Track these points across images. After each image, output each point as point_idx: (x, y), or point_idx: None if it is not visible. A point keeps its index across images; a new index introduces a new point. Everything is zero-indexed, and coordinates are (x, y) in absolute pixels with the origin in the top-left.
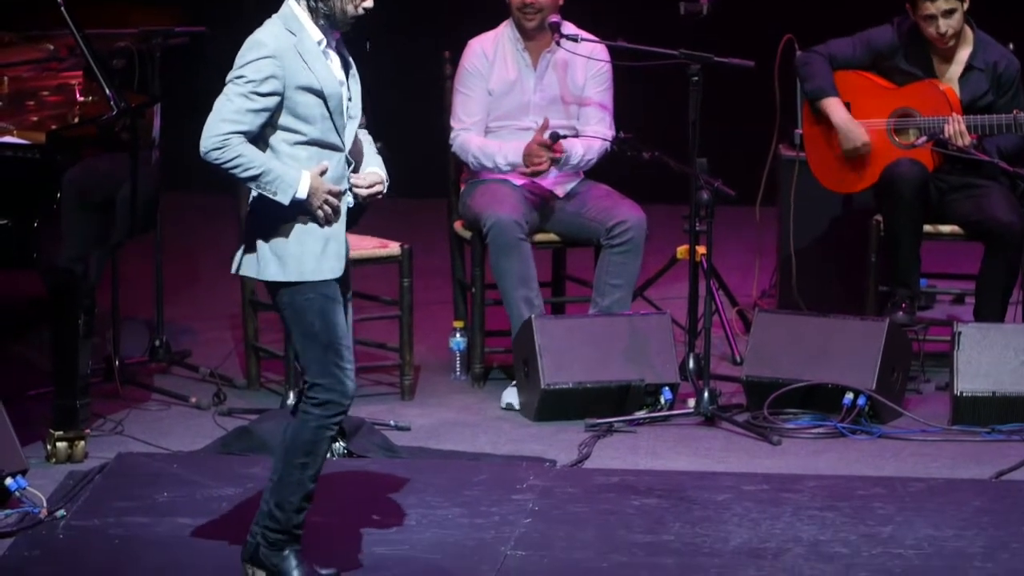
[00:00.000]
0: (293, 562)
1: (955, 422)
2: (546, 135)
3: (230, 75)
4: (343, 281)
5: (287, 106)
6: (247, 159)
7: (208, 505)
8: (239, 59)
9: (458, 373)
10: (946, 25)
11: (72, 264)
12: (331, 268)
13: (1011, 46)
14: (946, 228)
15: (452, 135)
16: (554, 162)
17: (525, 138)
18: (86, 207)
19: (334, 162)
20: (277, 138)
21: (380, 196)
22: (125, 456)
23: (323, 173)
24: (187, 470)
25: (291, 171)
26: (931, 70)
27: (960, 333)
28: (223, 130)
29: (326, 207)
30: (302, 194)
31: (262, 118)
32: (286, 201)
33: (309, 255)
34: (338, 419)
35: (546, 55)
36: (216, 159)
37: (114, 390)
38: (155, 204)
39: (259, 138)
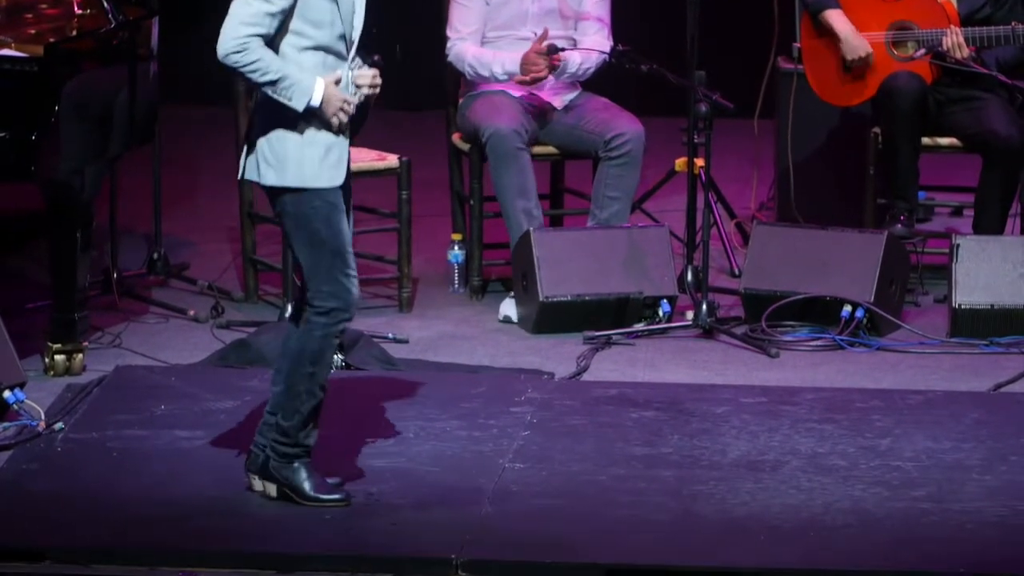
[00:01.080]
0: (304, 473)
1: (953, 334)
2: (546, 45)
3: None
4: (345, 190)
5: (300, 9)
6: (265, 63)
7: (206, 418)
8: None
9: (456, 286)
10: None
11: (70, 177)
12: (331, 176)
13: None
14: (944, 140)
15: (448, 45)
16: (552, 70)
17: (522, 48)
18: (84, 120)
19: (340, 71)
20: (286, 42)
21: (377, 90)
22: (123, 369)
23: (337, 82)
24: (185, 383)
25: (307, 78)
26: None
27: (958, 245)
28: (242, 33)
29: (340, 115)
30: (316, 101)
31: (278, 20)
32: (300, 108)
33: (309, 161)
34: (343, 327)
35: None
36: (235, 62)
37: (112, 303)
38: (153, 116)
39: (269, 42)
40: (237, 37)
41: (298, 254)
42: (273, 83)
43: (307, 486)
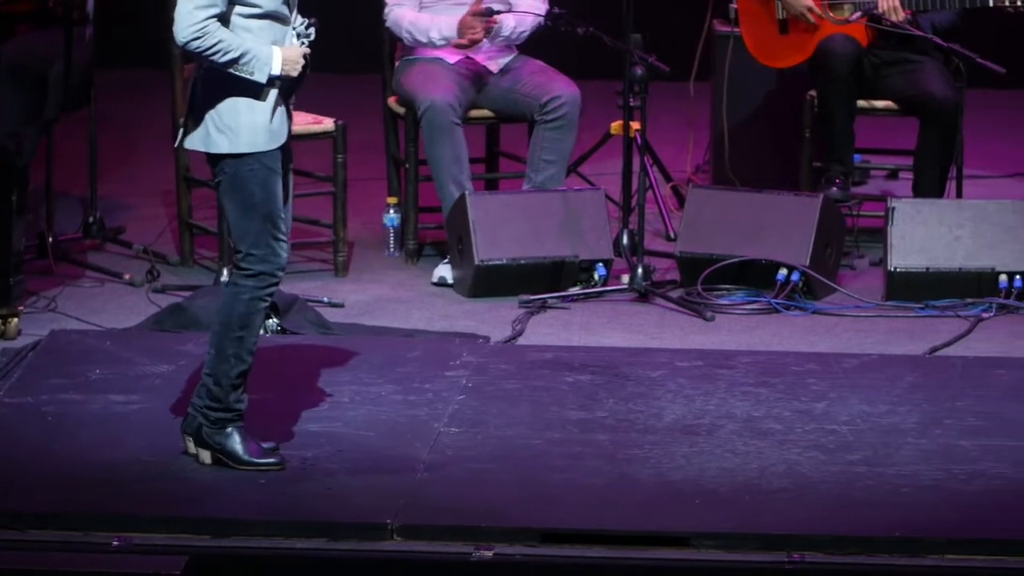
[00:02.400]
0: (237, 438)
1: (889, 298)
2: (481, 8)
3: None
4: (285, 152)
5: None
6: (226, 43)
7: (141, 382)
8: None
9: (392, 249)
10: None
11: (5, 140)
12: (274, 137)
13: None
14: (880, 103)
15: (386, 11)
16: (487, 33)
17: (459, 13)
18: (19, 83)
19: (283, 35)
20: (235, 12)
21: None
22: (58, 333)
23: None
24: (120, 347)
25: (264, 48)
26: None
27: (894, 209)
28: (199, 17)
29: (299, 68)
30: (277, 70)
31: None
32: (263, 79)
33: (260, 126)
34: (271, 290)
35: None
36: (196, 47)
37: (47, 267)
38: (89, 80)
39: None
40: (195, 22)
41: (229, 216)
42: (235, 60)
43: (240, 451)
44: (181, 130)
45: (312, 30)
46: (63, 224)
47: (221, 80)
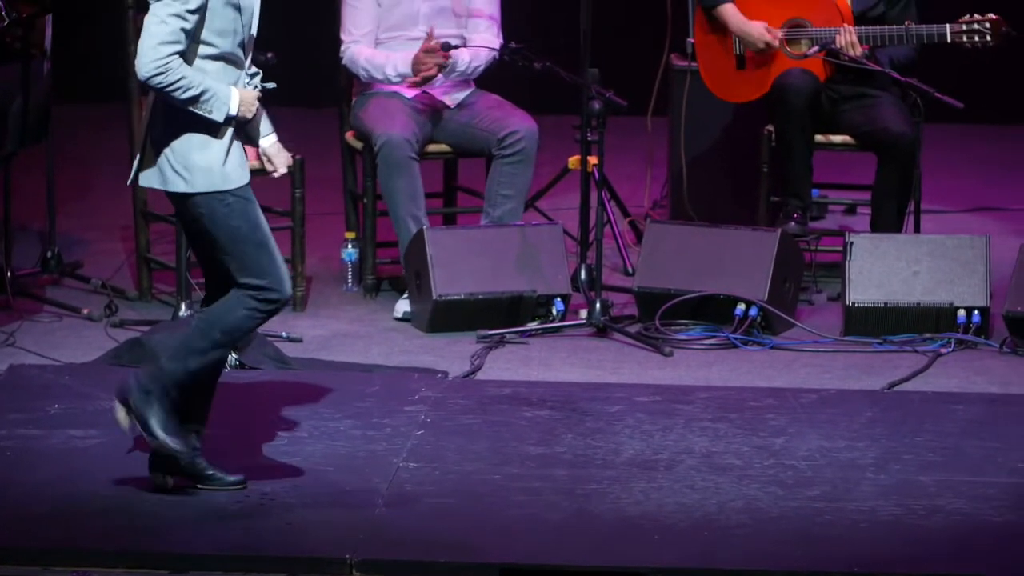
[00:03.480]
0: (157, 408)
1: (847, 333)
2: (436, 43)
3: None
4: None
5: (208, 20)
6: (187, 81)
7: (100, 417)
8: None
9: (350, 284)
10: None
11: None
12: (239, 175)
13: None
14: (838, 138)
15: (342, 48)
16: (440, 68)
17: (415, 48)
18: None
19: (236, 78)
20: (190, 51)
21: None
22: (16, 368)
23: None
24: (79, 382)
25: (223, 88)
26: None
27: (852, 243)
28: (162, 53)
29: (253, 110)
30: (234, 110)
31: (192, 34)
32: (221, 119)
33: (216, 164)
34: (271, 314)
35: None
36: (158, 84)
37: (5, 302)
38: (47, 115)
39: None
40: (158, 58)
41: (222, 255)
42: (195, 99)
43: (154, 422)
44: (135, 165)
45: (267, 82)
46: (21, 259)
47: (176, 118)
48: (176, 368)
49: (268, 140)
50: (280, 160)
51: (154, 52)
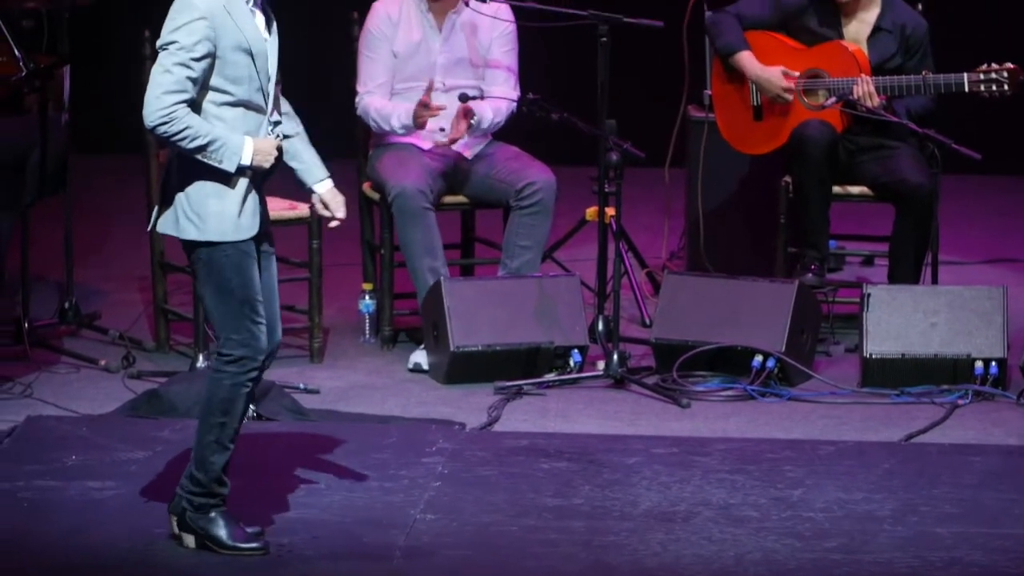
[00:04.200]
0: (221, 523)
1: (864, 384)
2: (453, 95)
3: (162, 39)
4: (265, 236)
5: (217, 67)
6: (194, 130)
7: (117, 468)
8: (170, 22)
9: (367, 336)
10: None
11: None
12: (249, 226)
13: (920, 7)
14: (855, 189)
15: (357, 99)
16: (468, 126)
17: (431, 99)
18: None
19: (258, 125)
20: (207, 100)
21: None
22: (34, 419)
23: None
24: (96, 433)
25: (234, 137)
26: (840, 30)
27: (869, 295)
28: (167, 102)
29: (272, 160)
30: (247, 160)
31: (199, 83)
32: (232, 169)
33: (228, 215)
34: (253, 375)
35: (451, 16)
36: (164, 132)
37: (23, 352)
38: (65, 166)
39: (191, 102)
40: (163, 107)
41: (207, 302)
42: (203, 148)
43: (224, 535)
44: (155, 212)
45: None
46: (39, 309)
47: (192, 166)
48: (208, 471)
49: (324, 186)
50: (337, 204)
51: (159, 101)
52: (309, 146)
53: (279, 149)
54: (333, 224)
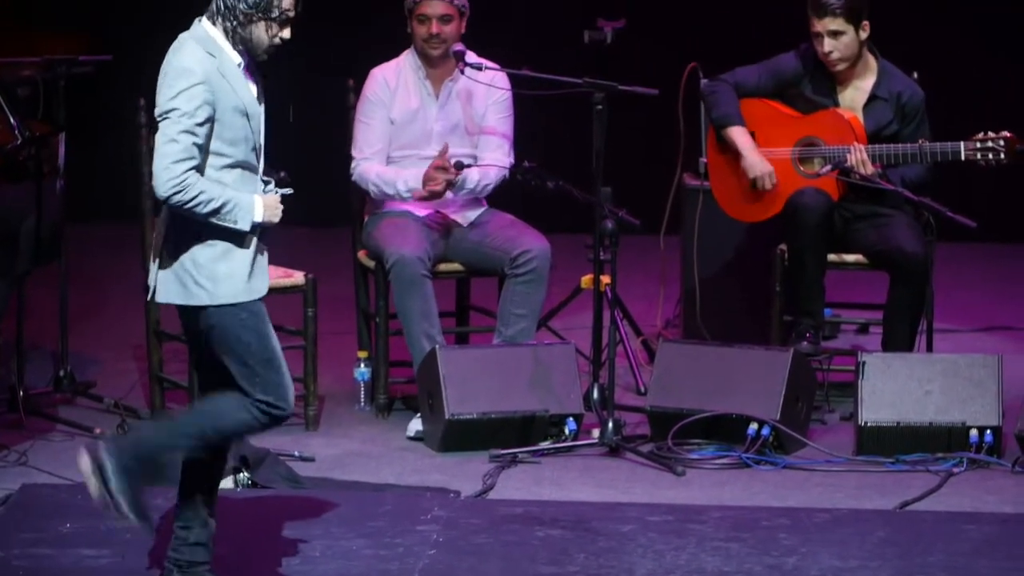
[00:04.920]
0: (130, 482)
1: (859, 452)
2: (448, 161)
3: (161, 107)
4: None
5: (216, 130)
6: (206, 195)
7: (112, 536)
8: (168, 89)
9: (362, 403)
10: (831, 46)
11: None
12: (260, 287)
13: (915, 75)
14: (851, 257)
15: (353, 165)
16: (450, 185)
17: (425, 166)
18: None
19: (254, 185)
20: (206, 164)
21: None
22: (29, 487)
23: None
24: (91, 501)
25: (244, 197)
26: (836, 98)
27: (864, 363)
28: (178, 171)
29: (279, 214)
30: (259, 217)
31: (204, 147)
32: (247, 227)
33: (239, 276)
34: (270, 427)
35: (448, 84)
36: (179, 201)
37: (18, 421)
38: (60, 234)
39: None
40: (174, 177)
41: (230, 366)
42: (218, 210)
43: (124, 499)
44: (152, 284)
45: (287, 188)
46: (34, 378)
47: (194, 230)
48: (160, 440)
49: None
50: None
51: (168, 172)
52: None
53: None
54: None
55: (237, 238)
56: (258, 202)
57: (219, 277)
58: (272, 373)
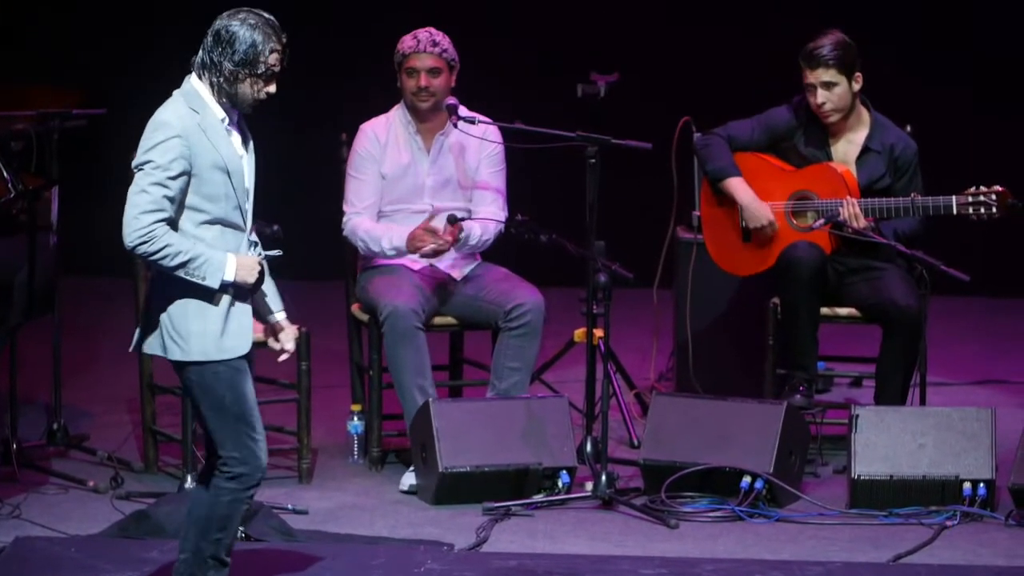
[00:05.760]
0: None
1: (853, 505)
2: (441, 217)
3: (137, 159)
4: (248, 358)
5: (194, 185)
6: (174, 248)
7: None
8: (145, 141)
9: (356, 456)
10: (824, 97)
11: None
12: (234, 346)
13: (908, 128)
14: (844, 311)
15: (344, 219)
16: (455, 241)
17: (418, 221)
18: None
19: (237, 244)
20: (184, 218)
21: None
22: (23, 540)
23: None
24: (85, 554)
25: (217, 254)
26: (828, 152)
27: (857, 416)
28: (145, 222)
29: (255, 275)
30: (230, 276)
31: (177, 201)
32: (216, 285)
33: (211, 334)
34: (252, 491)
35: (439, 138)
36: (144, 252)
37: (11, 474)
38: (53, 287)
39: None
40: (141, 227)
41: (205, 420)
42: (184, 265)
43: None
44: (137, 332)
45: (272, 251)
46: (27, 431)
47: (173, 285)
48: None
49: (277, 317)
50: (288, 337)
51: (137, 222)
52: (268, 276)
53: (261, 266)
54: (283, 357)
55: (209, 296)
56: (231, 260)
57: (191, 334)
58: (244, 430)
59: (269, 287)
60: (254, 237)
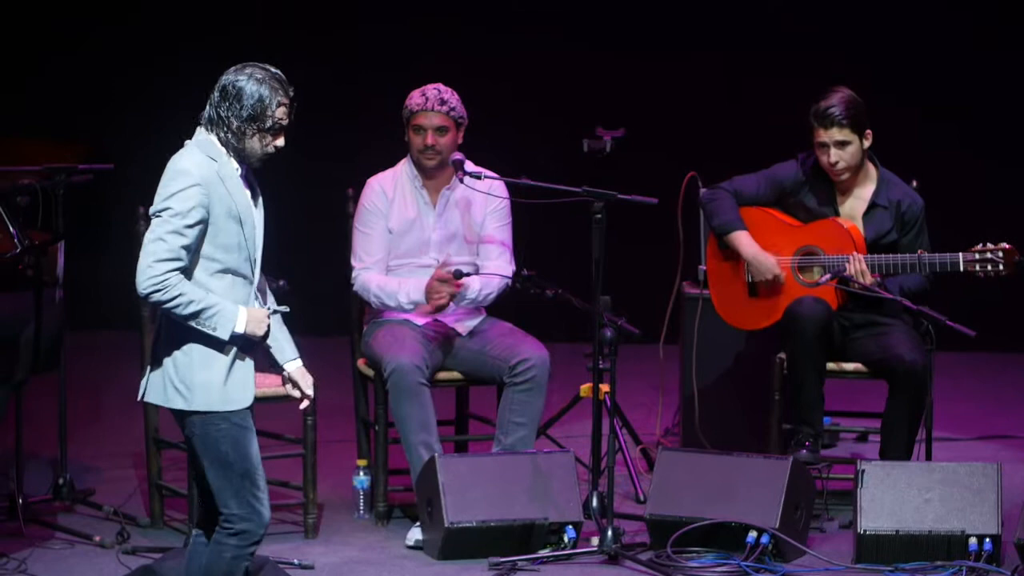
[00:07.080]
0: None
1: (858, 560)
2: (449, 271)
3: (156, 206)
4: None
5: (209, 234)
6: (187, 297)
7: None
8: (163, 189)
9: (361, 511)
10: (837, 156)
11: None
12: (239, 398)
13: (915, 184)
14: (849, 366)
15: (353, 275)
16: (452, 296)
17: (426, 275)
18: None
19: (247, 296)
20: (198, 268)
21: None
22: None
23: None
24: None
25: (228, 305)
26: (835, 206)
27: (863, 471)
28: (160, 270)
29: (264, 328)
30: (240, 328)
31: (193, 249)
32: (226, 336)
33: (215, 385)
34: (254, 548)
35: (445, 192)
36: (157, 300)
37: (17, 528)
38: (59, 342)
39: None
40: (156, 275)
41: (207, 475)
42: (196, 315)
43: None
44: (144, 381)
45: (280, 306)
46: (33, 486)
47: (180, 334)
48: None
49: (293, 365)
50: (306, 384)
51: (151, 270)
52: (282, 324)
53: (268, 318)
54: (304, 404)
55: (217, 346)
56: (242, 313)
57: (195, 385)
58: (247, 487)
59: (283, 335)
60: (270, 304)
